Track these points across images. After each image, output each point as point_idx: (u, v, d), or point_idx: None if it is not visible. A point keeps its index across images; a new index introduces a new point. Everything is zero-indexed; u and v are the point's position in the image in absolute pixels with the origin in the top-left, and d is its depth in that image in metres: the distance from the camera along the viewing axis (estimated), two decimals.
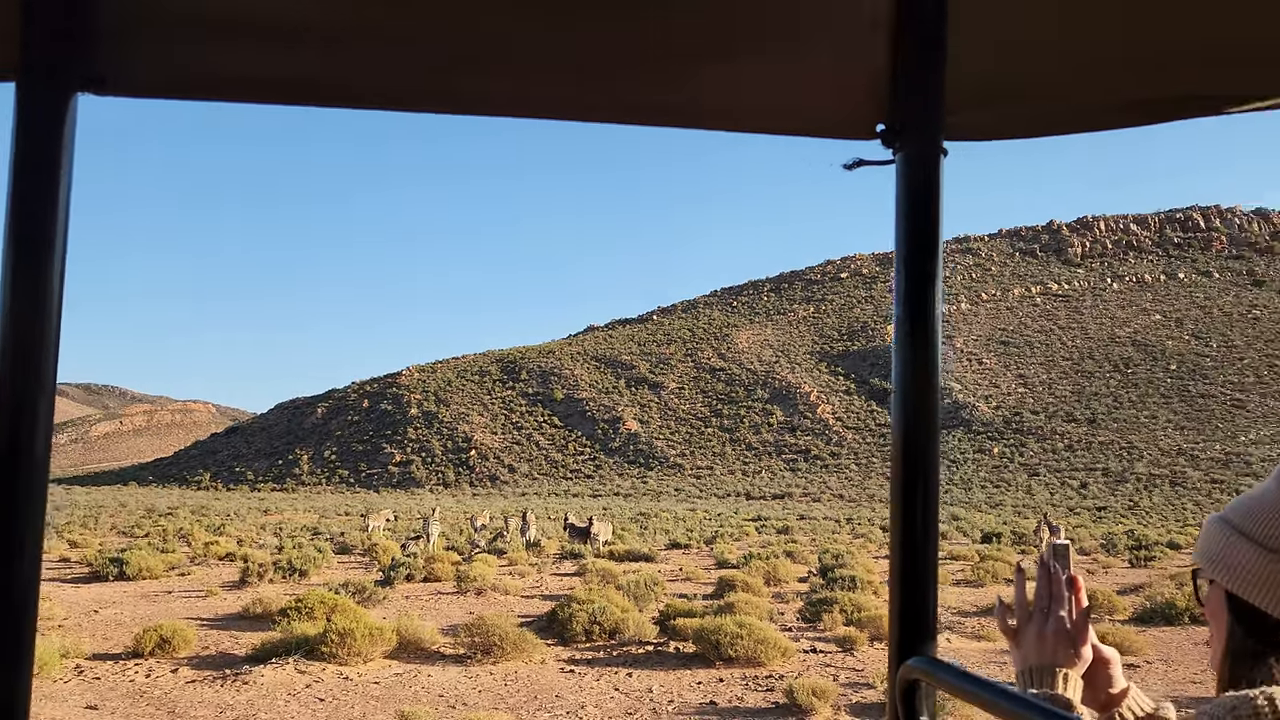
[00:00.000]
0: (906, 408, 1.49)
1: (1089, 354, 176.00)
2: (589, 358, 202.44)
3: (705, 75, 1.60)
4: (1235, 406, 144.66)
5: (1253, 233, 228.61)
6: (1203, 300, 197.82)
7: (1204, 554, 1.32)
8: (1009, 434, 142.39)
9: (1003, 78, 1.64)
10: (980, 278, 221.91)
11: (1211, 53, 1.57)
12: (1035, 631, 1.43)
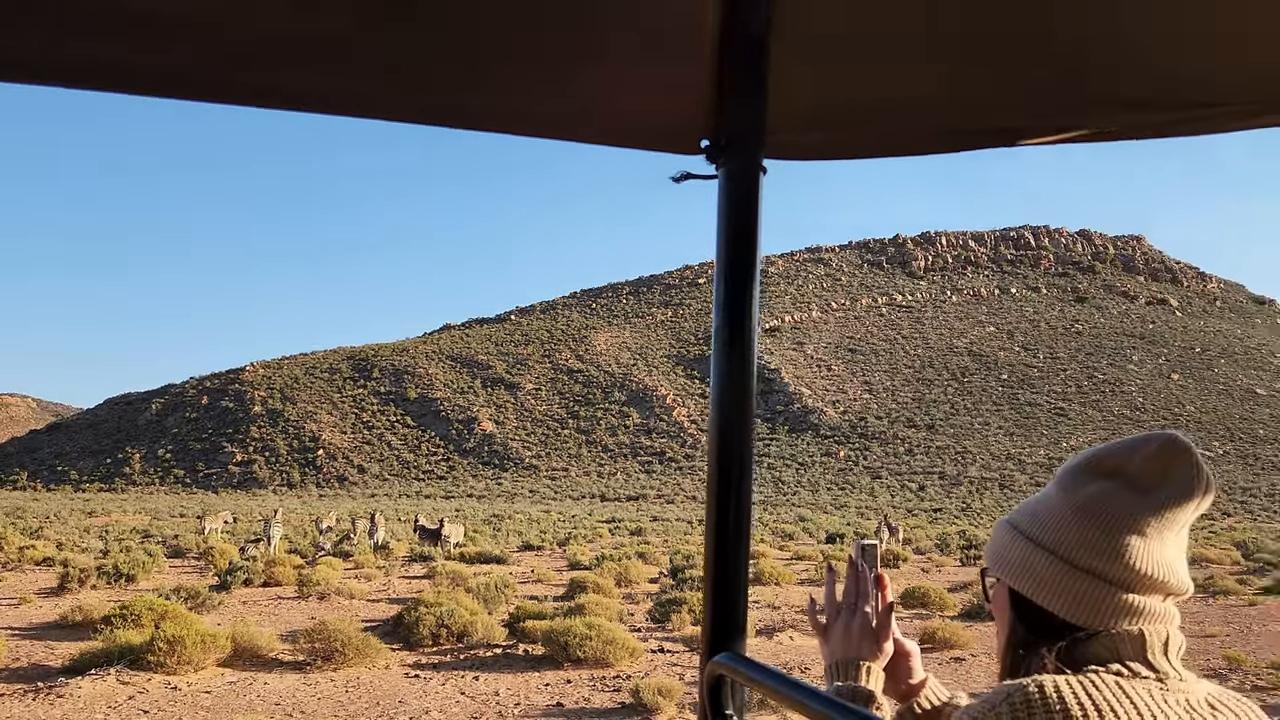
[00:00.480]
0: (723, 414, 1.52)
1: (929, 363, 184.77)
2: (444, 357, 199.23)
3: (533, 82, 1.61)
4: (1058, 414, 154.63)
5: (1076, 252, 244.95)
6: (1031, 314, 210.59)
7: (992, 555, 1.40)
8: (855, 438, 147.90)
9: (824, 101, 1.68)
10: (831, 287, 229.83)
11: (1006, 94, 1.70)
12: (842, 627, 1.50)
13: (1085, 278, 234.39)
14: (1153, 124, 1.80)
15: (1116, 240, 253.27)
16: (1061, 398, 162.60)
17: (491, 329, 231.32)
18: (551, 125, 1.73)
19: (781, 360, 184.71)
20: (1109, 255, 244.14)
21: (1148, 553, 1.28)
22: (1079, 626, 1.28)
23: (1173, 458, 1.30)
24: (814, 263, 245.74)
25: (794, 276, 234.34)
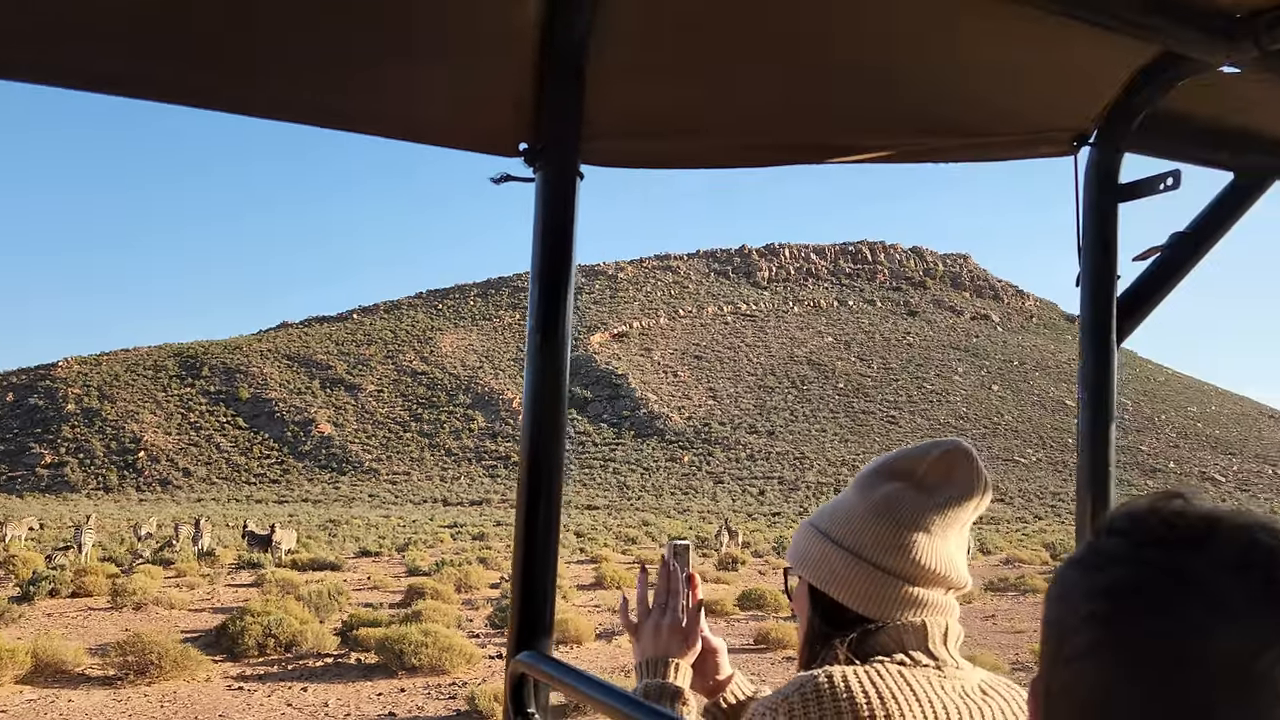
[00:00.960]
0: (535, 416, 1.58)
1: (771, 370, 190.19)
2: (281, 356, 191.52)
3: (348, 77, 1.61)
4: (890, 422, 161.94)
5: (910, 268, 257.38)
6: (867, 326, 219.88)
7: (794, 554, 1.46)
8: (699, 443, 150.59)
9: (641, 110, 1.73)
10: (679, 294, 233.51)
11: (812, 114, 1.81)
12: (652, 625, 1.54)
13: (917, 292, 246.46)
14: (947, 148, 1.93)
15: (946, 258, 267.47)
16: (893, 406, 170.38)
17: (332, 328, 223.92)
18: (370, 121, 1.71)
19: (629, 366, 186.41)
20: (939, 272, 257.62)
21: (932, 549, 1.36)
22: (869, 619, 1.35)
23: (956, 462, 1.39)
24: (663, 270, 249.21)
25: (643, 283, 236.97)
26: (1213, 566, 0.67)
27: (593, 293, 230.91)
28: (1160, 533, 0.70)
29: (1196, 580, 0.67)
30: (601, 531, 50.17)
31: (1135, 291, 2.09)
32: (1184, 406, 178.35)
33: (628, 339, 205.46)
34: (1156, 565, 0.68)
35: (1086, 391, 2.05)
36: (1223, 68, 1.70)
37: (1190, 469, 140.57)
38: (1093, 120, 1.93)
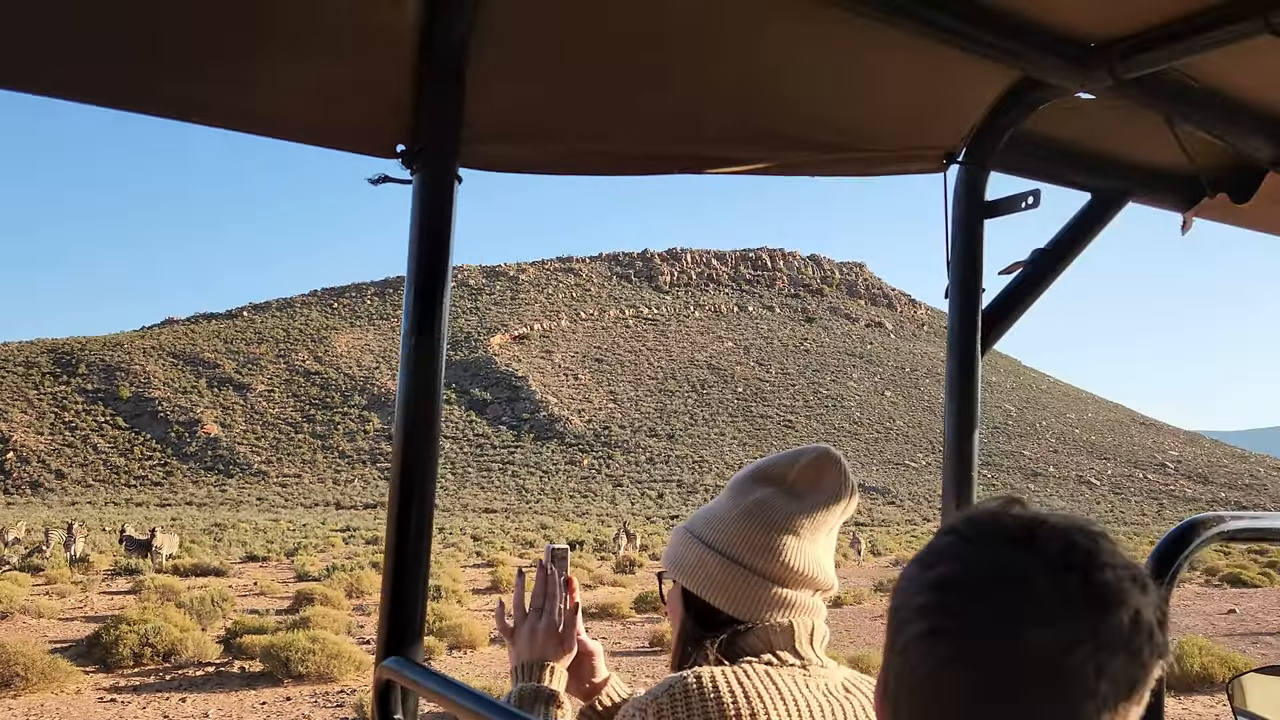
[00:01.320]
0: (409, 419, 1.57)
1: (671, 374, 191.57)
2: (165, 353, 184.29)
3: (229, 75, 1.58)
4: (787, 426, 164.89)
5: (808, 276, 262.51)
6: (766, 331, 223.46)
7: (668, 558, 1.50)
8: (598, 447, 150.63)
9: (520, 115, 1.73)
10: (580, 297, 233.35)
11: (683, 126, 1.84)
12: (528, 630, 1.54)
13: (814, 300, 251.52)
14: (822, 163, 1.99)
15: (842, 266, 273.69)
16: (790, 411, 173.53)
17: (221, 325, 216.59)
18: (241, 118, 1.67)
19: (530, 368, 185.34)
20: (835, 280, 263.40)
21: (800, 551, 1.40)
22: (739, 620, 1.39)
23: (825, 468, 1.44)
24: (565, 272, 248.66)
25: (544, 285, 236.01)
26: (1032, 564, 0.71)
27: (494, 294, 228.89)
28: (989, 532, 0.74)
29: (1016, 576, 0.71)
30: (499, 535, 49.68)
31: (999, 304, 2.17)
32: (1064, 413, 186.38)
33: (529, 341, 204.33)
34: (981, 561, 0.73)
35: (952, 400, 2.10)
36: (1080, 94, 1.80)
37: (1068, 473, 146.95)
38: (961, 140, 2.00)
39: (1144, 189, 2.30)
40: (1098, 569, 0.71)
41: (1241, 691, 1.97)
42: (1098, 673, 0.69)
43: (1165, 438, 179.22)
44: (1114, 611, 0.71)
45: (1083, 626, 0.70)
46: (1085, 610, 0.70)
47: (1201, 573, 28.82)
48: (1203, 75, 1.83)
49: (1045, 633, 0.69)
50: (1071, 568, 0.71)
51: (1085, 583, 0.71)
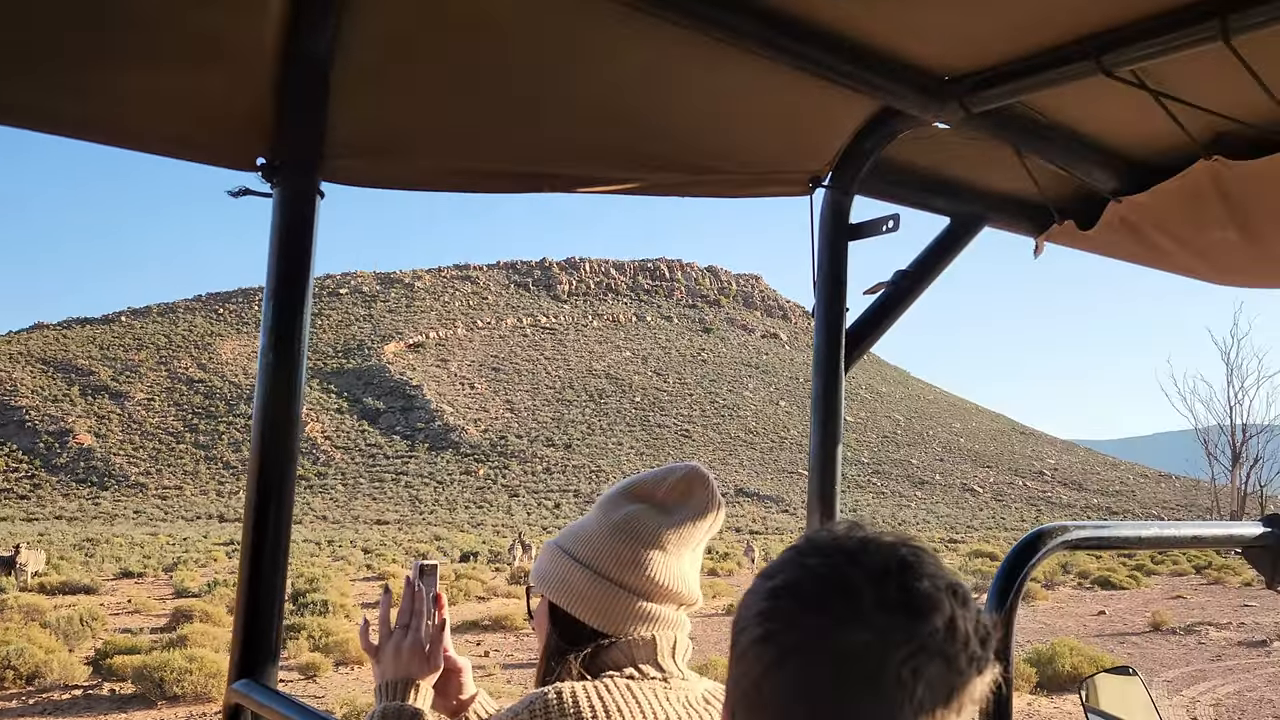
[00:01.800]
0: (266, 435, 1.55)
1: (569, 384, 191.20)
2: (34, 359, 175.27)
3: (82, 85, 1.54)
4: (684, 436, 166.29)
5: (705, 287, 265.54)
6: (664, 341, 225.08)
7: (536, 573, 1.51)
8: (495, 456, 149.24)
9: (388, 132, 1.73)
10: (478, 305, 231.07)
11: (556, 143, 1.86)
12: (393, 647, 1.52)
13: (712, 310, 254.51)
14: (691, 184, 2.04)
15: (739, 278, 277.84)
16: (687, 420, 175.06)
17: (96, 330, 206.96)
18: (94, 129, 1.62)
19: (424, 377, 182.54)
20: (732, 291, 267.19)
21: (666, 566, 1.43)
22: (603, 634, 1.41)
23: (694, 485, 1.48)
24: (461, 280, 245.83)
25: (440, 293, 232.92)
26: (858, 574, 0.77)
27: (388, 301, 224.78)
28: (825, 548, 0.81)
29: (842, 585, 0.77)
30: (391, 547, 48.66)
31: (862, 323, 2.24)
32: (950, 423, 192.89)
33: (424, 349, 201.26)
34: (814, 572, 0.79)
35: (816, 414, 2.16)
36: (937, 123, 1.89)
37: (954, 480, 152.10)
38: (826, 165, 2.07)
39: (998, 215, 2.41)
40: (915, 579, 0.77)
41: (1093, 691, 2.12)
42: (914, 675, 0.75)
43: (1044, 446, 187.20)
44: (928, 617, 0.76)
45: (899, 631, 0.75)
46: (902, 616, 0.76)
47: (1075, 576, 30.13)
48: (1048, 110, 1.97)
49: (864, 635, 0.75)
50: (891, 576, 0.77)
51: (902, 590, 0.77)
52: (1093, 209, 2.38)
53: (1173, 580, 30.39)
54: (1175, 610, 21.55)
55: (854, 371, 2.21)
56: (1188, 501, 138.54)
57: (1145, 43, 1.53)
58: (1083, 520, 1.65)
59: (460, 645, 16.78)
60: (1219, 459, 35.55)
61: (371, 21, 1.49)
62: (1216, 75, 1.69)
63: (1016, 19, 1.59)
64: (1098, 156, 2.17)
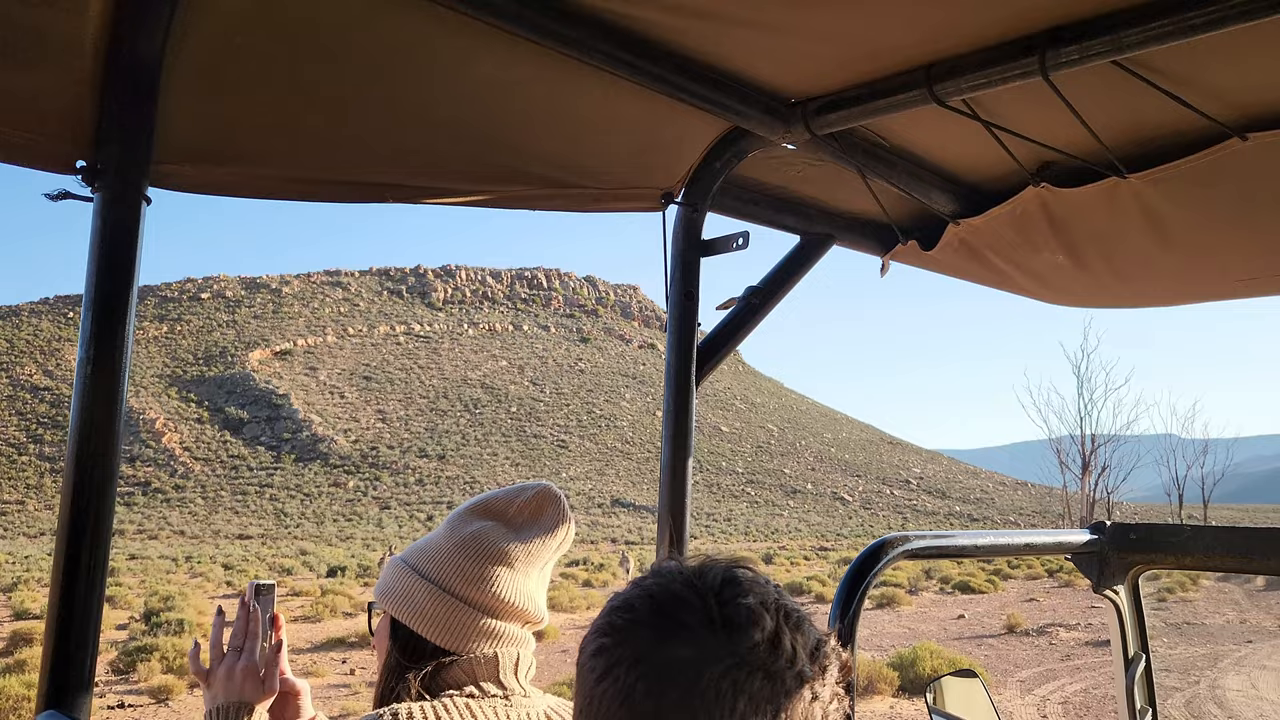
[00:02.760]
0: (84, 447, 1.49)
1: (444, 393, 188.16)
2: None
3: None
4: (560, 446, 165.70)
5: (583, 296, 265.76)
6: (541, 351, 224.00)
7: (379, 589, 1.48)
8: (365, 468, 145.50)
9: (223, 138, 1.68)
10: (349, 313, 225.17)
11: (400, 153, 1.84)
12: (225, 670, 1.48)
13: (589, 320, 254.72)
14: (543, 197, 2.04)
15: (617, 288, 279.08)
16: (564, 431, 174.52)
17: None
18: None
19: (292, 385, 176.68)
20: (610, 301, 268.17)
21: (512, 583, 1.43)
22: (445, 651, 1.39)
23: (545, 504, 1.49)
24: (332, 286, 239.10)
25: (310, 299, 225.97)
26: (689, 594, 0.83)
27: (253, 307, 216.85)
28: (664, 570, 0.87)
29: (674, 602, 0.83)
30: (254, 563, 46.79)
31: (714, 338, 2.28)
32: (821, 433, 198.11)
33: (291, 357, 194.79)
34: (647, 590, 0.85)
35: (668, 427, 2.16)
36: (786, 144, 1.95)
37: (825, 489, 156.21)
38: (678, 181, 2.10)
39: (846, 234, 2.48)
40: (740, 596, 0.83)
41: (939, 694, 2.23)
42: (734, 689, 0.79)
43: (909, 456, 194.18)
44: (748, 633, 0.81)
45: (719, 646, 0.80)
46: (723, 632, 0.80)
47: (937, 581, 31.24)
48: (889, 135, 2.06)
49: (685, 650, 0.80)
50: (715, 594, 0.83)
51: (724, 606, 0.82)
52: (934, 230, 2.46)
53: (1028, 584, 31.88)
54: (1029, 613, 22.55)
55: (729, 382, 2.28)
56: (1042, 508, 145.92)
57: (972, 75, 1.61)
58: (925, 530, 1.77)
59: (326, 663, 16.16)
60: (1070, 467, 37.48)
61: (207, 22, 1.45)
62: (1041, 108, 1.78)
63: (856, 47, 1.65)
64: (936, 180, 2.25)
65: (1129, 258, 2.53)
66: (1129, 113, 1.87)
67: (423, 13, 1.45)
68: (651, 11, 1.53)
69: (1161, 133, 1.95)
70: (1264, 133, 1.84)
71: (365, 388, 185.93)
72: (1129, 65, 1.63)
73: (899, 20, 1.57)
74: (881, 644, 18.06)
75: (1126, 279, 2.71)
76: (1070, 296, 2.91)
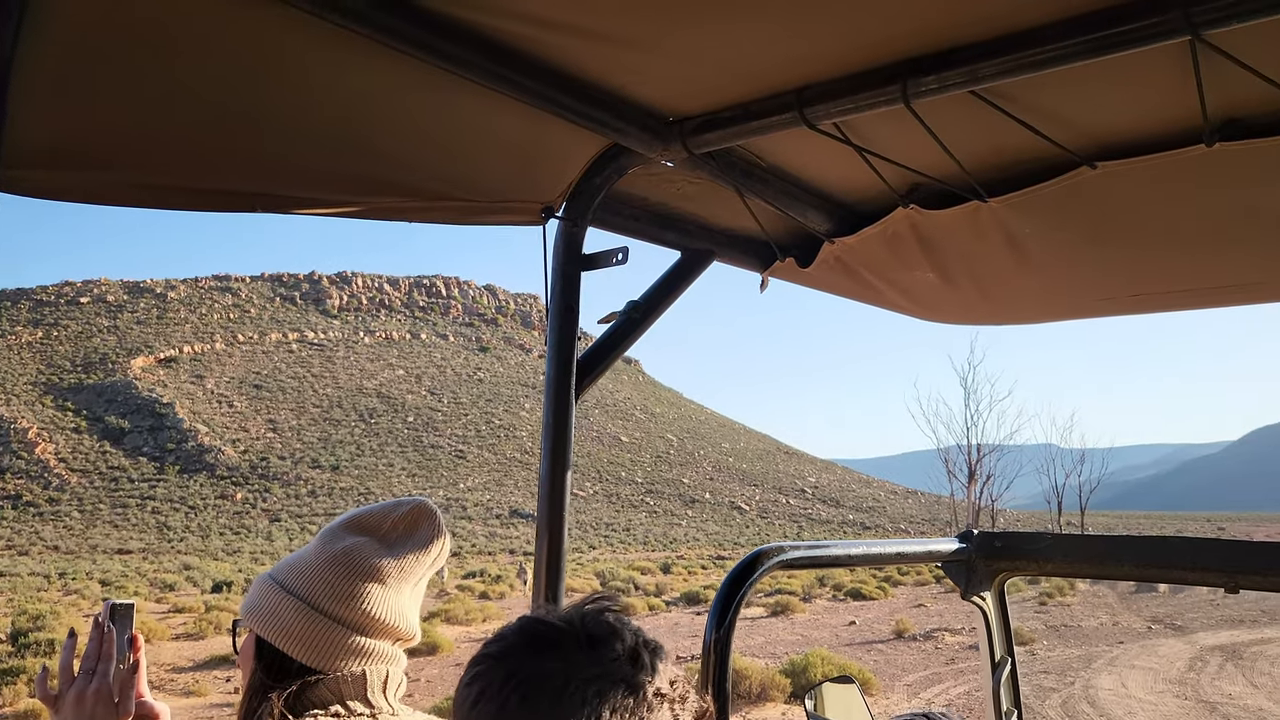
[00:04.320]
0: None
1: (338, 402, 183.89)
2: None
3: None
4: (458, 457, 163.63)
5: (483, 305, 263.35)
6: (439, 360, 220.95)
7: (245, 606, 1.44)
8: (254, 479, 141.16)
9: (72, 141, 1.61)
10: (239, 319, 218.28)
11: (265, 162, 1.77)
12: (75, 694, 1.43)
13: (489, 329, 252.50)
14: (420, 209, 2.01)
15: (517, 297, 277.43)
16: (462, 441, 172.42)
17: None
18: None
19: (176, 394, 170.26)
20: (510, 310, 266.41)
21: (385, 600, 1.40)
22: (312, 669, 1.36)
23: (420, 519, 1.48)
24: (221, 291, 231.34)
25: (197, 304, 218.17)
26: (554, 619, 0.96)
27: (136, 312, 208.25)
28: (539, 608, 1.01)
29: (541, 626, 0.95)
30: (134, 578, 44.85)
31: (594, 352, 2.30)
32: (720, 443, 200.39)
33: (177, 364, 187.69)
34: (517, 623, 0.98)
35: (547, 440, 2.17)
36: (666, 162, 1.98)
37: (723, 499, 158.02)
38: (559, 196, 2.10)
39: (726, 250, 2.52)
40: (600, 614, 0.96)
41: (819, 700, 2.32)
42: (598, 697, 0.89)
43: (805, 465, 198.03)
44: (611, 646, 0.93)
45: (584, 658, 0.92)
46: (589, 647, 0.93)
47: (830, 588, 31.87)
48: (766, 155, 2.11)
49: (556, 663, 0.91)
50: (579, 618, 0.96)
51: (588, 624, 0.95)
52: (811, 248, 2.52)
53: (917, 590, 32.80)
54: (917, 618, 23.19)
55: (629, 393, 2.28)
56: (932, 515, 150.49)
57: (841, 100, 1.67)
58: (808, 540, 1.83)
59: (209, 682, 15.59)
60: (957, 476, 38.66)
61: (59, 23, 1.38)
62: (908, 134, 1.83)
63: (730, 70, 1.68)
64: (811, 200, 2.30)
65: (994, 277, 2.62)
66: (988, 140, 1.95)
67: (288, 20, 1.42)
68: (527, 27, 1.53)
69: (1019, 159, 2.03)
70: (1112, 162, 1.92)
71: (255, 396, 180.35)
72: (986, 95, 1.70)
73: (771, 46, 1.59)
74: (775, 651, 18.33)
75: (992, 298, 2.79)
76: (942, 314, 3.01)
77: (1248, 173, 1.94)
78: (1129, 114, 1.84)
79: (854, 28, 1.54)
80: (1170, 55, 1.55)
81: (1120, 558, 2.36)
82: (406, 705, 1.45)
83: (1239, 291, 2.65)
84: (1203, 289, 2.65)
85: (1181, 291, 2.68)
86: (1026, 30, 1.49)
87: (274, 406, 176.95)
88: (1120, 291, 2.72)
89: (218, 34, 1.47)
